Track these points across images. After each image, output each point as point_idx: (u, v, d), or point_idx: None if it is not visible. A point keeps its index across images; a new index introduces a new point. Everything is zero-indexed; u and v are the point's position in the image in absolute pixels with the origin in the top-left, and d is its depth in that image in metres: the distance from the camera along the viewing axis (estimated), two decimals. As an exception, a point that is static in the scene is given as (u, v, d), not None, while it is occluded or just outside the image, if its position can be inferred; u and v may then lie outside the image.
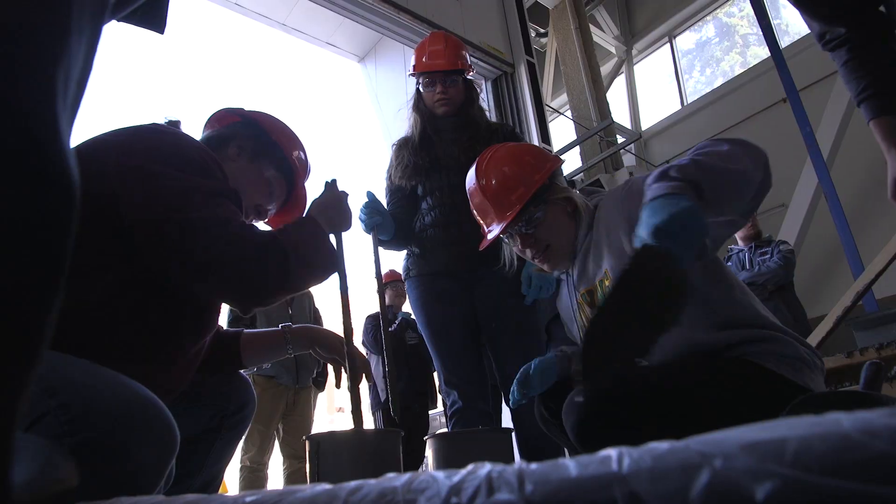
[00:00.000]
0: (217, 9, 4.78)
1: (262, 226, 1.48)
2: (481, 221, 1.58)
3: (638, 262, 1.02)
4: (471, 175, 1.59)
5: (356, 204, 1.52)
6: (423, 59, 2.31)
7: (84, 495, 0.54)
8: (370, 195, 2.14)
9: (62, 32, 0.46)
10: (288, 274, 1.17)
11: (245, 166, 1.43)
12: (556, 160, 1.55)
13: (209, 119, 1.54)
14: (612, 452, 0.35)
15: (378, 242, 2.11)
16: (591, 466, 0.34)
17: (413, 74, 2.36)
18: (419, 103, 2.33)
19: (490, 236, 1.53)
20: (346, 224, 1.46)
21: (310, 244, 1.26)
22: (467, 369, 2.15)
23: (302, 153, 1.54)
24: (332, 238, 1.40)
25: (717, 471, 0.30)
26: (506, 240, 1.57)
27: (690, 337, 1.26)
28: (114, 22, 0.65)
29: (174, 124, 1.38)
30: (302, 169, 1.54)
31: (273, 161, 1.47)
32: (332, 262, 1.33)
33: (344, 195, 1.47)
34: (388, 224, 2.16)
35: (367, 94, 5.77)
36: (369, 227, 2.10)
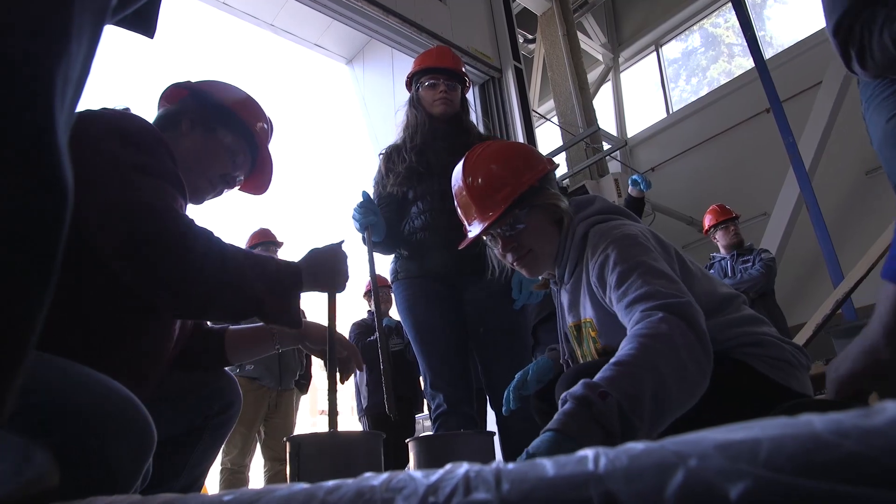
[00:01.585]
0: (205, 8, 4.75)
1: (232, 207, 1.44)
2: (464, 220, 1.51)
3: None
4: (457, 170, 1.51)
5: (354, 268, 1.46)
6: (430, 60, 2.37)
7: (58, 495, 0.54)
8: (365, 195, 2.14)
9: (63, 34, 0.46)
10: (209, 271, 1.06)
11: (200, 139, 1.39)
12: (549, 163, 1.49)
13: (160, 98, 1.50)
14: (588, 452, 0.35)
15: (371, 244, 2.11)
16: (567, 466, 0.34)
17: (415, 74, 2.38)
18: (417, 104, 2.36)
19: (470, 235, 1.47)
20: (335, 284, 1.36)
21: (259, 272, 1.14)
22: (453, 372, 2.14)
23: (259, 116, 1.49)
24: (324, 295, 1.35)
25: (691, 470, 0.30)
26: (487, 241, 1.51)
27: None
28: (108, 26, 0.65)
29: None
30: (262, 132, 1.50)
31: (230, 127, 1.43)
32: (272, 309, 1.16)
33: (343, 256, 1.38)
34: (380, 225, 2.16)
35: (355, 96, 5.77)
36: (363, 227, 2.10)
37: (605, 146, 7.41)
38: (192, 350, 1.41)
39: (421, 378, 2.26)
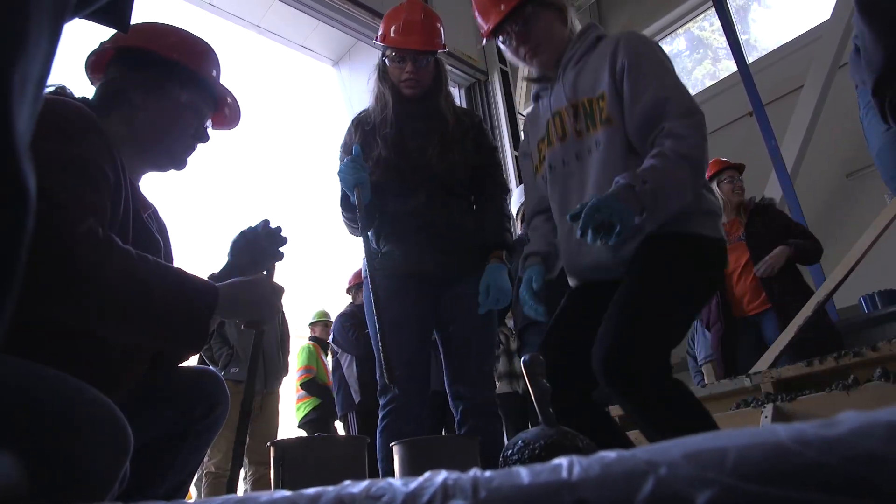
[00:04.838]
0: (190, 8, 4.73)
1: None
2: (482, 22, 1.76)
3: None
4: None
5: (284, 300, 1.34)
6: (396, 31, 2.12)
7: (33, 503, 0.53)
8: (357, 150, 2.01)
9: (19, 34, 0.45)
10: (94, 279, 0.97)
11: (157, 107, 1.31)
12: None
13: (86, 71, 1.36)
14: (563, 461, 0.36)
15: (361, 206, 1.96)
16: (542, 474, 0.35)
17: (381, 43, 2.16)
18: (384, 77, 2.16)
19: (489, 26, 1.71)
20: (255, 315, 1.22)
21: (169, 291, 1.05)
22: (414, 371, 2.07)
23: (200, 54, 1.40)
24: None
25: (661, 478, 0.31)
26: (503, 42, 1.74)
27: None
28: (76, 19, 0.63)
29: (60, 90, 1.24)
30: (210, 71, 1.40)
31: (179, 80, 1.33)
32: (178, 334, 1.08)
33: (275, 288, 1.26)
34: (368, 188, 2.00)
35: (342, 98, 5.76)
36: (353, 185, 1.95)
37: (591, 148, 7.42)
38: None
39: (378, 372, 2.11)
